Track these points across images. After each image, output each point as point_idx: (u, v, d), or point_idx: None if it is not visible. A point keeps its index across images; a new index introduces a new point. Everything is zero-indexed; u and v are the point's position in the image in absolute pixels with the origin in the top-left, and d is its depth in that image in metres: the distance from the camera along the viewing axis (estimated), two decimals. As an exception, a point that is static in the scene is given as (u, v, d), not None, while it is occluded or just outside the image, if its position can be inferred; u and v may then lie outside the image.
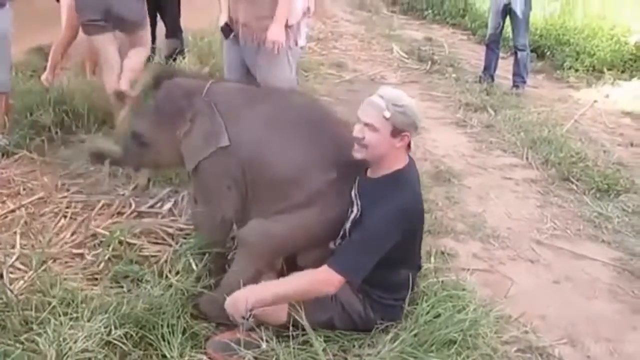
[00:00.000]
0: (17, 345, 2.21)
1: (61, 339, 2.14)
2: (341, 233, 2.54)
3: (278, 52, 3.56)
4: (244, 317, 2.32)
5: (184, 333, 2.46)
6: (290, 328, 2.35)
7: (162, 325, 2.42)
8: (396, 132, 2.40)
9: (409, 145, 2.48)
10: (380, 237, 2.39)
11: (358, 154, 2.46)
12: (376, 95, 2.43)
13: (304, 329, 2.35)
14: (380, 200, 2.39)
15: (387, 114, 2.37)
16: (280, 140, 2.63)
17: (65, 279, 2.60)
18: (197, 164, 2.74)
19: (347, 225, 2.51)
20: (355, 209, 2.49)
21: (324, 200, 2.54)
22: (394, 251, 2.41)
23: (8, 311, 2.42)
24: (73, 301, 2.41)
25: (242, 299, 2.34)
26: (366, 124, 2.41)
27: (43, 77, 5.07)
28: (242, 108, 2.75)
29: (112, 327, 2.28)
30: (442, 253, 3.36)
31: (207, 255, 2.78)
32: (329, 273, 2.35)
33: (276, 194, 2.58)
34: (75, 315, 2.27)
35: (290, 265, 2.71)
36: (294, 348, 2.33)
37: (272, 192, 2.59)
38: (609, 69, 7.38)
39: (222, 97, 2.79)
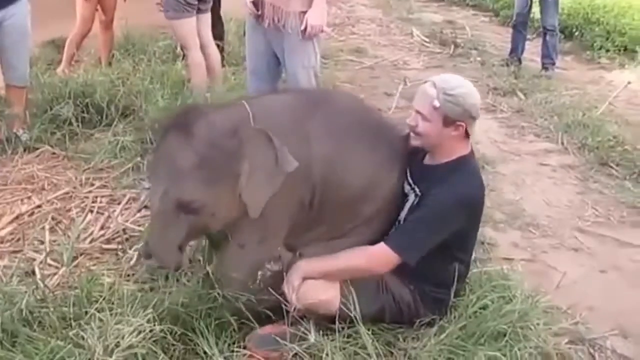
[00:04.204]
0: (59, 342, 2.14)
1: (107, 334, 2.09)
2: (396, 224, 2.46)
3: (316, 37, 3.45)
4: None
5: (223, 327, 2.36)
6: (337, 321, 2.27)
7: (198, 321, 2.33)
8: (448, 122, 2.30)
9: (467, 134, 2.36)
10: (440, 219, 2.32)
11: (414, 142, 2.40)
12: (429, 82, 2.33)
13: (350, 322, 2.28)
14: (443, 184, 2.31)
15: (437, 104, 2.27)
16: (349, 154, 2.40)
17: (102, 275, 2.53)
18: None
19: (403, 214, 2.43)
20: (412, 197, 2.41)
21: (389, 208, 2.46)
22: (450, 242, 2.34)
23: (45, 307, 2.35)
24: (113, 297, 2.34)
25: (294, 270, 2.33)
26: (418, 112, 2.34)
27: (59, 70, 5.06)
28: (295, 124, 2.37)
29: (154, 323, 2.20)
30: (482, 243, 3.22)
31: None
32: (385, 251, 2.30)
33: (348, 212, 2.43)
34: (119, 310, 2.20)
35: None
36: (340, 341, 2.25)
37: (342, 211, 2.42)
38: (641, 48, 7.10)
39: (269, 117, 2.33)
